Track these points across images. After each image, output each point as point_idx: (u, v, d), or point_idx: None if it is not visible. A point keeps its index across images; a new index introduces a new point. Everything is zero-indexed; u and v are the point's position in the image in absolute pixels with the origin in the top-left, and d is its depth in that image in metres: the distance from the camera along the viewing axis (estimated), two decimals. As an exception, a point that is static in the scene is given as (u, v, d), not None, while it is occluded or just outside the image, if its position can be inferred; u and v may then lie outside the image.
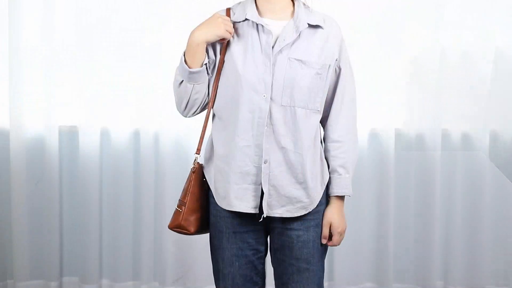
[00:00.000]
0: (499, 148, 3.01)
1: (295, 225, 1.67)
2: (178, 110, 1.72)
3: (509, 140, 3.00)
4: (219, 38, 1.62)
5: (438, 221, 2.98)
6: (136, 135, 2.95)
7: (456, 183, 3.00)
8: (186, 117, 1.72)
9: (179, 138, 2.94)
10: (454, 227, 3.01)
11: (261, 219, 1.64)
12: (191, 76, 1.61)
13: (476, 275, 3.02)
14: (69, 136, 2.96)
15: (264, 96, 1.60)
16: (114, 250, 2.97)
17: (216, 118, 1.70)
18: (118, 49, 2.91)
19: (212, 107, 1.69)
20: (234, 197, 1.63)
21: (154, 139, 2.94)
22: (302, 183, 1.65)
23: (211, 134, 1.71)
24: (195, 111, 1.71)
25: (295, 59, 1.61)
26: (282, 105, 1.60)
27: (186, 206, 1.66)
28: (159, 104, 2.90)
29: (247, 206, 1.63)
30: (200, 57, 1.61)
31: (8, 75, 2.87)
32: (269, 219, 1.66)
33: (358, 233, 2.99)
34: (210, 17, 1.64)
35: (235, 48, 1.63)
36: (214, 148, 1.68)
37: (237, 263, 1.69)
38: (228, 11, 1.70)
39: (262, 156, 1.61)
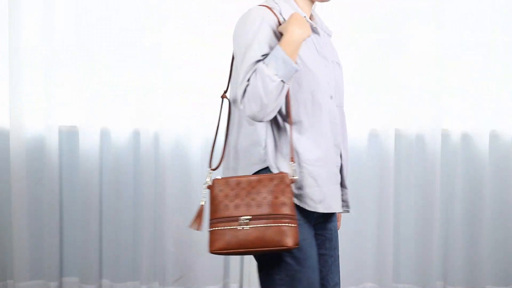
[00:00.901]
0: (499, 148, 3.01)
1: (331, 217, 1.72)
2: (258, 115, 1.48)
3: (509, 140, 3.00)
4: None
5: (438, 221, 2.98)
6: (136, 135, 2.95)
7: (456, 183, 3.00)
8: (262, 121, 1.52)
9: (179, 138, 2.94)
10: (454, 227, 3.01)
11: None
12: (294, 75, 1.51)
13: (476, 275, 3.02)
14: (69, 136, 2.96)
15: (331, 97, 1.63)
16: (114, 250, 2.97)
17: (287, 123, 1.57)
18: (118, 49, 2.91)
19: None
20: (331, 198, 1.62)
21: (154, 139, 2.94)
22: (346, 177, 1.71)
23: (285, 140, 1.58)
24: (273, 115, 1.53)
25: (335, 62, 1.68)
26: (337, 106, 1.66)
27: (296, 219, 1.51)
28: (159, 104, 2.91)
29: (338, 205, 1.65)
30: (296, 56, 1.53)
31: (8, 75, 2.87)
32: (314, 217, 1.64)
33: (358, 233, 2.99)
34: (298, 17, 1.52)
35: (301, 49, 1.57)
36: (300, 153, 1.57)
37: (317, 266, 1.63)
38: (270, 9, 1.59)
39: (340, 156, 1.65)
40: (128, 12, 2.91)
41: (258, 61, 1.50)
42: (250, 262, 2.94)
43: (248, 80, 1.48)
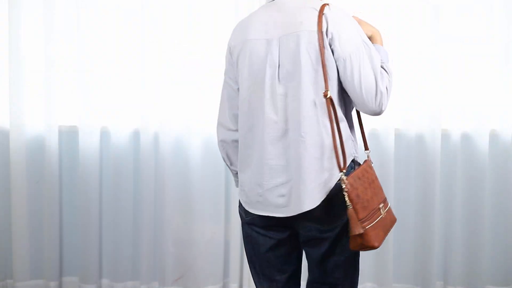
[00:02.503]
0: (499, 148, 3.01)
1: None
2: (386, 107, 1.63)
3: (509, 140, 3.00)
4: None
5: (438, 221, 2.98)
6: (136, 135, 2.95)
7: (456, 183, 3.00)
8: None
9: (179, 138, 2.94)
10: (454, 227, 3.01)
11: None
12: None
13: (476, 275, 3.01)
14: (69, 136, 2.97)
15: None
16: (114, 250, 2.97)
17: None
18: (118, 49, 2.91)
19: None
20: None
21: (154, 139, 2.94)
22: None
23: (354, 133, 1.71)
24: None
25: None
26: None
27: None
28: (159, 104, 2.91)
29: None
30: None
31: (8, 75, 2.87)
32: None
33: (358, 233, 2.98)
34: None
35: None
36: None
37: None
38: None
39: None
40: (128, 12, 2.91)
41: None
42: (250, 262, 2.94)
43: (387, 79, 1.61)
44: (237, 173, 1.79)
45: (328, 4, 1.62)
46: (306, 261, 1.78)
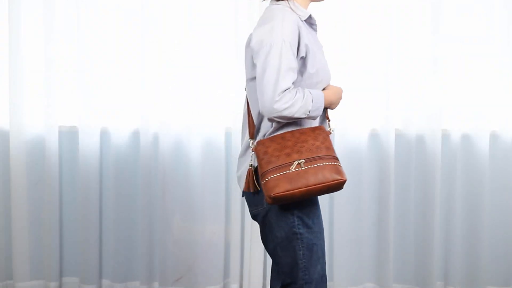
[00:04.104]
0: (499, 148, 3.01)
1: None
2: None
3: (509, 140, 3.00)
4: None
5: (438, 221, 2.98)
6: (136, 135, 2.95)
7: (456, 183, 3.00)
8: None
9: (179, 138, 2.94)
10: (454, 227, 3.01)
11: None
12: None
13: (476, 275, 3.01)
14: (69, 136, 2.97)
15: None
16: (114, 250, 2.97)
17: None
18: (118, 49, 2.91)
19: None
20: None
21: (154, 139, 2.94)
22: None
23: None
24: None
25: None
26: None
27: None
28: (159, 104, 2.90)
29: None
30: None
31: (8, 75, 2.87)
32: None
33: (358, 234, 2.99)
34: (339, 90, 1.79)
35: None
36: None
37: None
38: None
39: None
40: (128, 12, 2.91)
41: None
42: (250, 262, 2.94)
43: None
44: None
45: None
46: None
